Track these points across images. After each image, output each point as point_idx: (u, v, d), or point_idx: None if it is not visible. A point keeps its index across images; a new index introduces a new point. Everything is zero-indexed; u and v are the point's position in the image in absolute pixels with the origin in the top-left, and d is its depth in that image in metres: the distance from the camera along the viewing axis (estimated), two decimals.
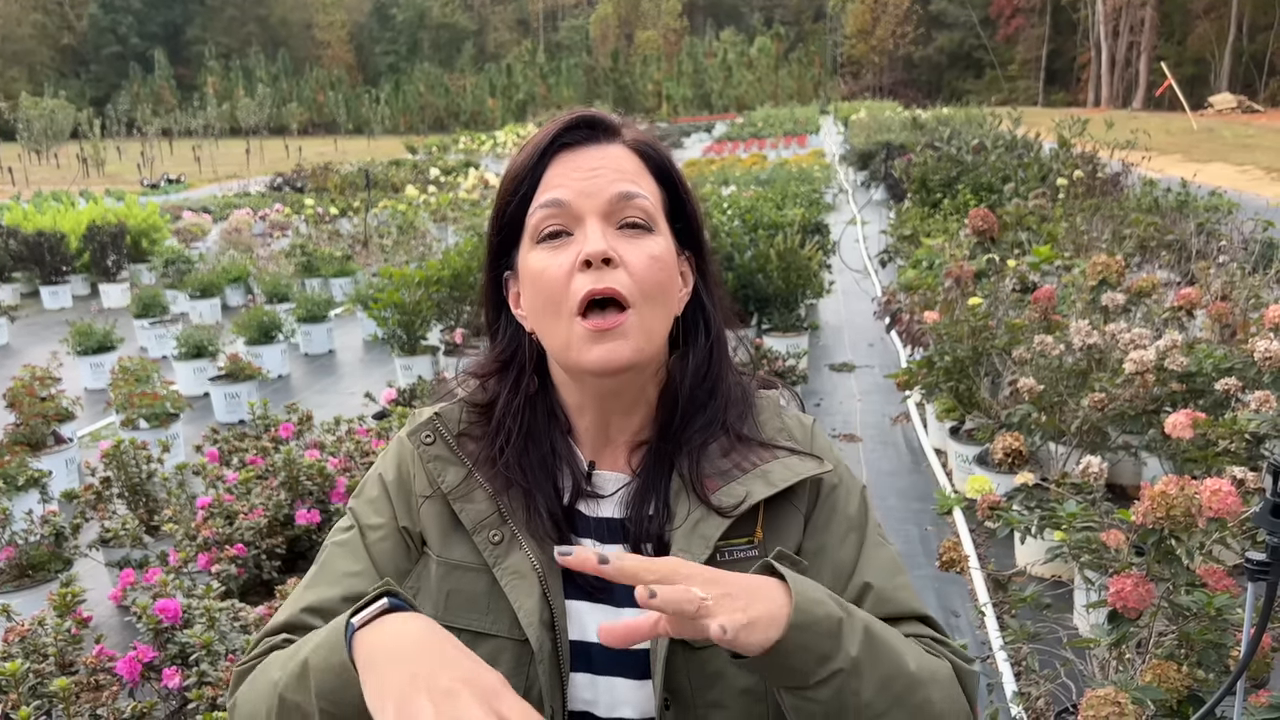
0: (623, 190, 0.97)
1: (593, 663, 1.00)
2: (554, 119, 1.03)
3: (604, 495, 1.05)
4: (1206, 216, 8.31)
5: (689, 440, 1.03)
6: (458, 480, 1.03)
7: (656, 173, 1.03)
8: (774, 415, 1.10)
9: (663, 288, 0.98)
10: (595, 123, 1.01)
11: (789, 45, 74.12)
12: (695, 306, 1.06)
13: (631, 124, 1.05)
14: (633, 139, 1.03)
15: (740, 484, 1.01)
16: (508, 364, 1.08)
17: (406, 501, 1.06)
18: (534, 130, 1.08)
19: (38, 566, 3.85)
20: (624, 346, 0.95)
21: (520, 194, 1.00)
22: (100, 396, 6.99)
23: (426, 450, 1.05)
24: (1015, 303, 5.12)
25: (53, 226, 12.34)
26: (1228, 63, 55.10)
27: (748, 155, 22.75)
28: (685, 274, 1.05)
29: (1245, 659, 1.53)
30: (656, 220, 1.00)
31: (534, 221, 0.98)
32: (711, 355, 1.06)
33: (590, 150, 1.00)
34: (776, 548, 0.96)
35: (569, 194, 0.97)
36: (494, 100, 63.10)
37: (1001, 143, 12.97)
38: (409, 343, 7.15)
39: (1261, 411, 3.09)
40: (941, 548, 2.73)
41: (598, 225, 0.96)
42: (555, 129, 1.00)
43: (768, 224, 7.87)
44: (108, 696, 2.46)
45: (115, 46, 75.36)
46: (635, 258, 0.96)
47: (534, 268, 0.98)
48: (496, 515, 1.01)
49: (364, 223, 13.29)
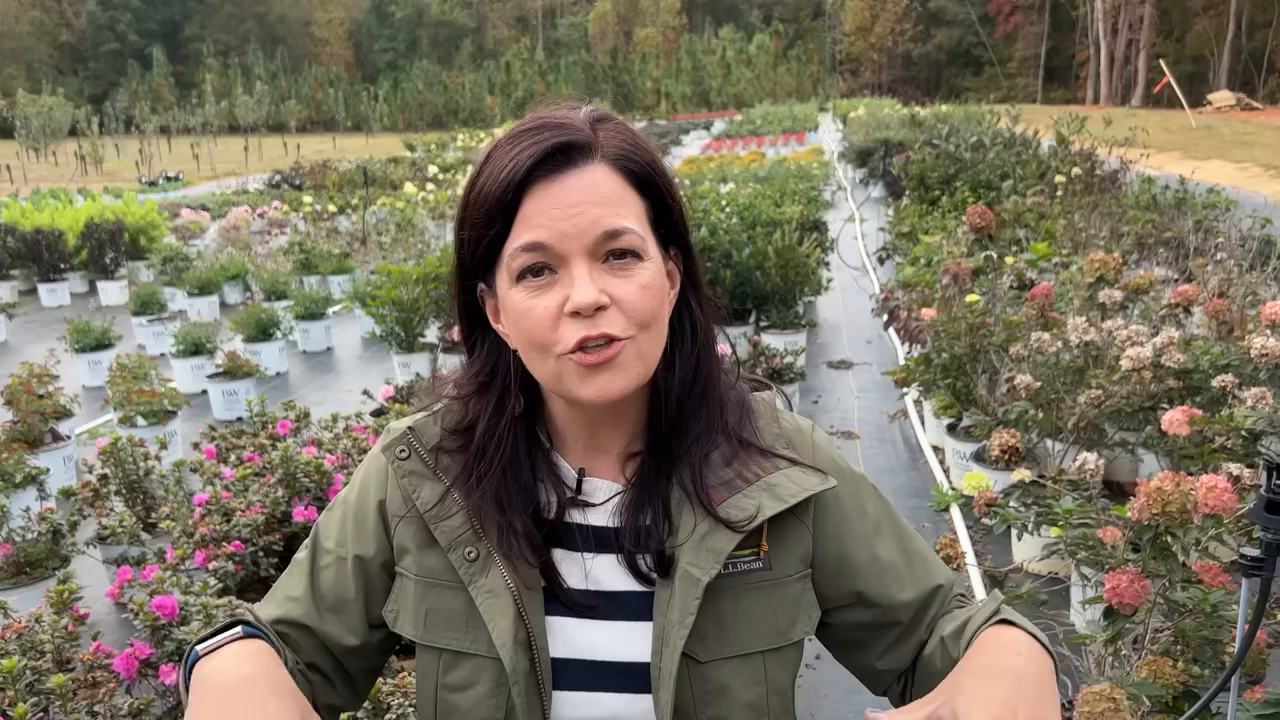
0: (608, 229, 0.90)
1: (583, 679, 0.98)
2: (521, 132, 0.94)
3: (594, 504, 1.02)
4: (1204, 214, 8.32)
5: (688, 451, 1.00)
6: (434, 498, 1.01)
7: (640, 185, 0.96)
8: (771, 421, 1.07)
9: (655, 313, 0.93)
10: (569, 147, 0.92)
11: (788, 43, 74.09)
12: (682, 308, 1.02)
13: (609, 123, 0.97)
14: (613, 151, 0.94)
15: (747, 496, 0.98)
16: (487, 385, 1.02)
17: (360, 528, 1.05)
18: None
19: (35, 563, 3.86)
20: (619, 379, 0.91)
21: (494, 230, 0.93)
22: (98, 394, 7.00)
23: (401, 465, 1.03)
24: (1013, 300, 5.13)
25: (51, 224, 12.33)
26: (1226, 60, 55.10)
27: (746, 153, 22.74)
28: (672, 273, 1.00)
29: (1240, 655, 1.54)
30: (644, 247, 0.93)
31: (515, 264, 0.92)
32: (699, 359, 1.02)
33: (568, 179, 0.91)
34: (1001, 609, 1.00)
35: (550, 235, 0.90)
36: (492, 98, 63.04)
37: (1000, 140, 12.96)
38: (407, 340, 7.15)
39: (1258, 408, 3.10)
40: (939, 544, 2.73)
41: (584, 267, 0.90)
42: (528, 160, 0.91)
43: (766, 221, 7.86)
44: (105, 693, 2.45)
45: (113, 44, 75.26)
46: (626, 293, 0.91)
47: (517, 308, 0.92)
48: (471, 533, 0.99)
49: (362, 220, 13.28)
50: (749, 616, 0.99)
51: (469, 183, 0.97)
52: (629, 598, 0.99)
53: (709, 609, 0.96)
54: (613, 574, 1.00)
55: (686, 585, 0.95)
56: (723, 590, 0.97)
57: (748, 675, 0.98)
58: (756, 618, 0.99)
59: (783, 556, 1.01)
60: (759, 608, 0.99)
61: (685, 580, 0.95)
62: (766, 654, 0.99)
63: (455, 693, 0.99)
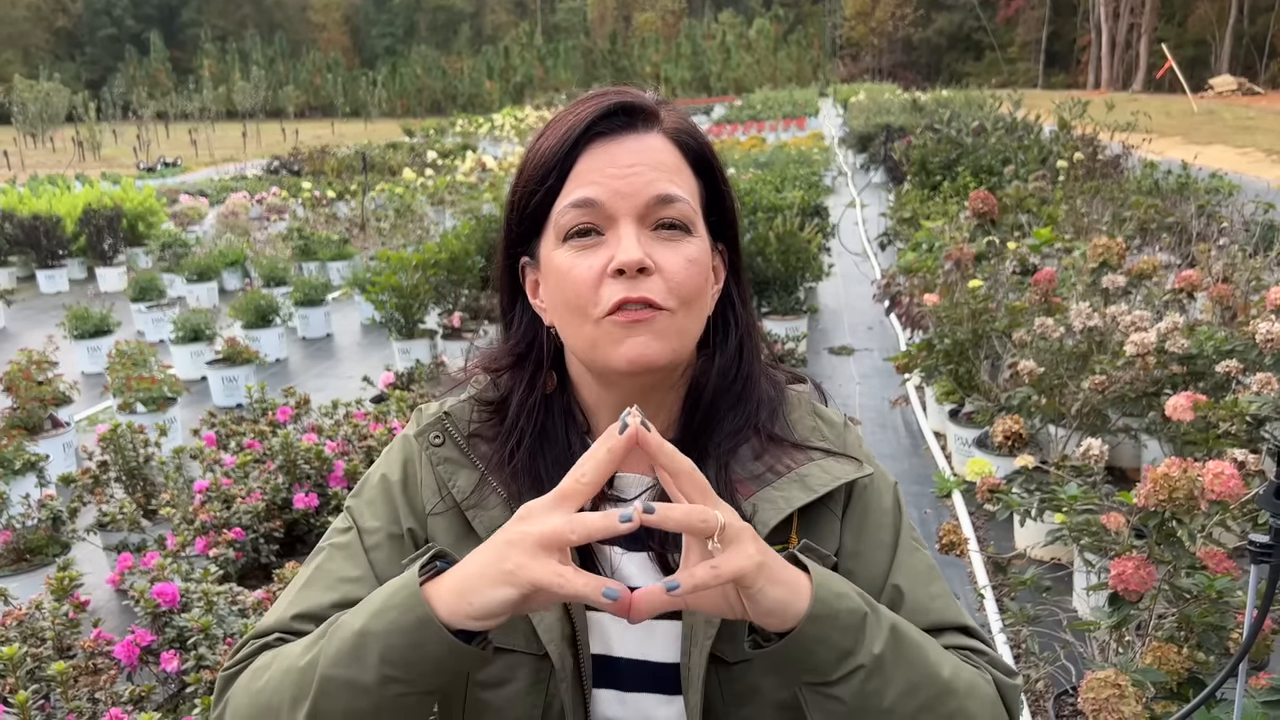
0: (662, 193, 0.90)
1: (619, 678, 0.96)
2: (585, 99, 0.94)
3: (626, 499, 0.99)
4: (1207, 199, 8.29)
5: (717, 446, 0.97)
6: (470, 486, 0.97)
7: (695, 164, 0.95)
8: (807, 414, 1.04)
9: (699, 291, 0.92)
10: (633, 109, 0.92)
11: (788, 27, 73.77)
12: (725, 303, 1.00)
13: (670, 105, 0.96)
14: (672, 126, 0.94)
15: (776, 489, 0.95)
16: (523, 358, 1.00)
17: (412, 504, 1.00)
18: (534, 115, 0.98)
19: (35, 550, 3.85)
20: (656, 344, 0.89)
21: (547, 185, 0.92)
22: (97, 380, 6.98)
23: (436, 452, 0.99)
24: (1015, 285, 5.10)
25: (48, 210, 12.29)
26: (1228, 45, 54.88)
27: (746, 138, 22.66)
28: (718, 269, 0.98)
29: (1248, 641, 1.53)
30: (694, 221, 0.92)
31: (563, 220, 0.90)
32: (741, 354, 1.00)
33: (626, 141, 0.91)
34: (803, 540, 0.92)
35: (603, 193, 0.89)
36: (491, 83, 62.78)
37: (1001, 125, 12.92)
38: (407, 326, 7.13)
39: (1263, 394, 3.08)
40: (941, 530, 2.72)
41: (632, 229, 0.89)
42: (590, 114, 0.91)
43: (767, 207, 7.84)
44: (106, 680, 2.45)
45: (110, 29, 74.90)
46: (671, 262, 0.89)
47: (560, 266, 0.91)
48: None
49: (361, 206, 13.24)
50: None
51: (527, 148, 0.96)
52: None
53: None
54: (643, 572, 0.97)
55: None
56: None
57: (778, 676, 0.94)
58: None
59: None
60: None
61: None
62: None
63: (488, 689, 0.95)
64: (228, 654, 1.01)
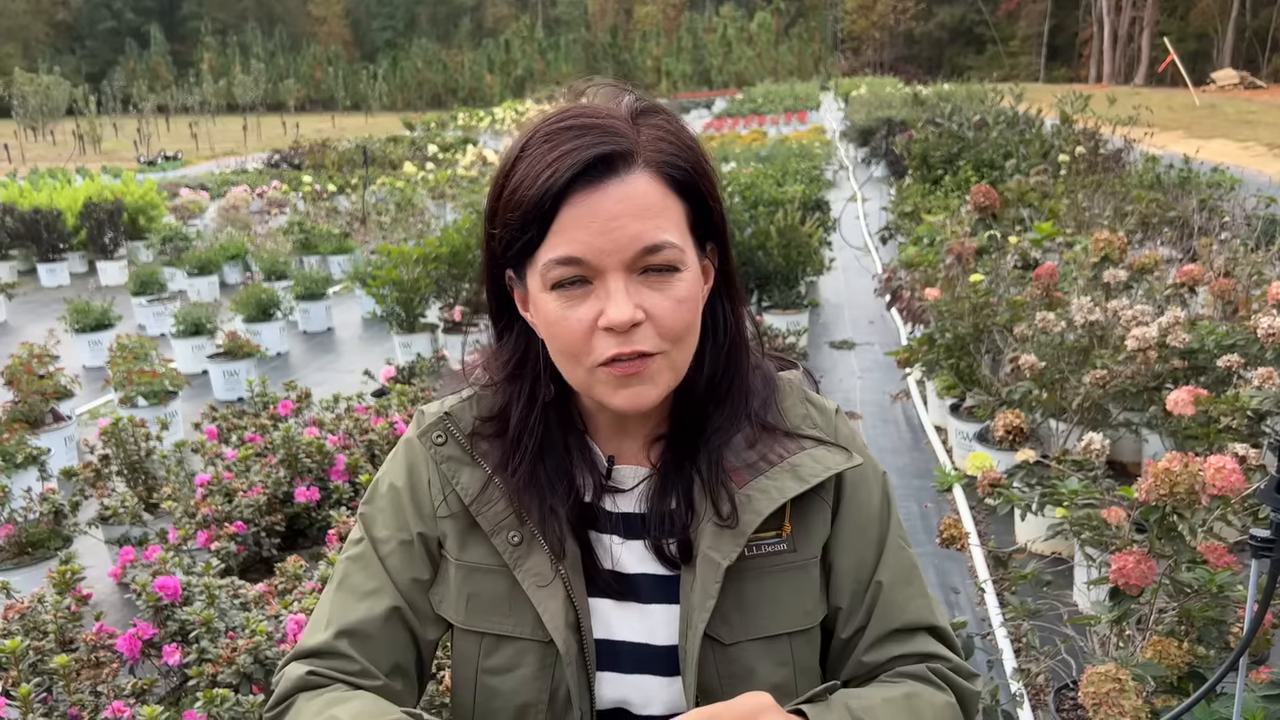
0: (648, 244, 0.88)
1: (620, 661, 1.00)
2: (559, 134, 0.89)
3: (624, 490, 1.03)
4: (1209, 193, 8.27)
5: (708, 439, 1.00)
6: (475, 483, 1.01)
7: (681, 189, 0.92)
8: (798, 401, 1.06)
9: (689, 327, 0.93)
10: (610, 158, 0.88)
11: (789, 21, 73.64)
12: (715, 301, 1.00)
13: (649, 120, 0.92)
14: (655, 157, 0.90)
15: (769, 478, 0.98)
16: (519, 368, 1.01)
17: (419, 509, 1.04)
18: (534, 109, 0.97)
19: (37, 544, 3.85)
20: (652, 390, 0.92)
21: (528, 236, 0.90)
22: (98, 374, 6.98)
23: (439, 451, 1.03)
24: (1016, 279, 5.10)
25: (49, 204, 12.27)
26: (1230, 38, 54.72)
27: (748, 132, 22.63)
28: (707, 269, 0.98)
29: (1248, 636, 1.53)
30: (682, 258, 0.90)
31: (549, 274, 0.89)
32: (731, 352, 1.01)
33: (608, 188, 0.87)
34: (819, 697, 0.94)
35: (588, 251, 0.87)
36: (492, 76, 62.75)
37: (1003, 119, 12.87)
38: (408, 320, 7.13)
39: (1264, 388, 3.08)
40: (942, 525, 2.72)
41: (620, 281, 0.88)
42: (566, 170, 0.87)
43: (768, 201, 7.83)
44: (108, 674, 2.46)
45: (110, 22, 74.82)
46: (661, 308, 0.89)
47: (549, 314, 0.91)
48: (514, 516, 0.99)
49: (362, 200, 13.22)
50: (773, 599, 0.99)
51: (500, 175, 0.93)
52: (658, 581, 1.00)
53: (732, 592, 0.96)
54: (641, 559, 1.01)
55: (707, 569, 0.96)
56: (746, 573, 0.97)
57: (774, 657, 0.98)
58: (781, 600, 0.99)
59: (806, 537, 1.01)
60: (783, 589, 0.99)
61: (706, 564, 0.96)
62: (793, 636, 0.99)
63: (496, 676, 0.99)
64: (271, 678, 1.12)
